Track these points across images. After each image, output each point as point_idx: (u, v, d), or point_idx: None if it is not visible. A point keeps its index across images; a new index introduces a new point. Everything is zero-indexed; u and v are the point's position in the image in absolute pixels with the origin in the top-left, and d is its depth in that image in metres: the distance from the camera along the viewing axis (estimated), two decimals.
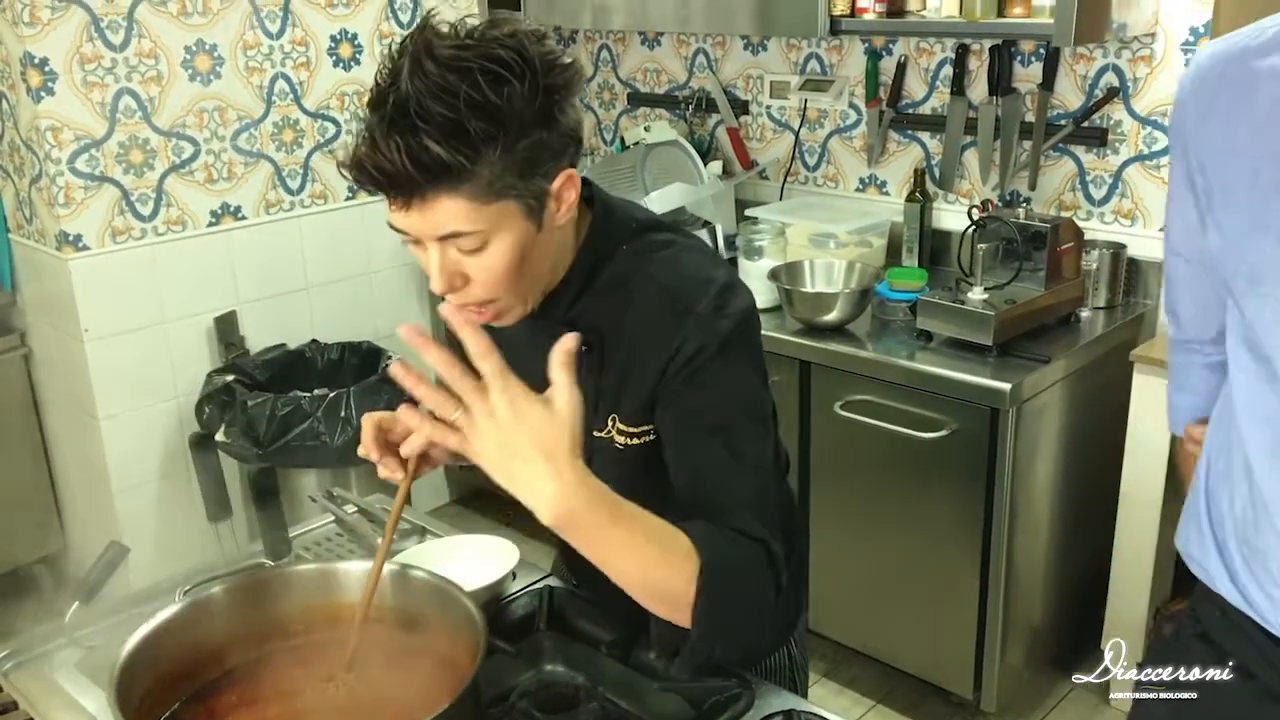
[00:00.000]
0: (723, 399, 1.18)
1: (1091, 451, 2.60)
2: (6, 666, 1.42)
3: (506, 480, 1.02)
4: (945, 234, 2.94)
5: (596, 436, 1.24)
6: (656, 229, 1.27)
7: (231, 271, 3.07)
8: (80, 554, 3.23)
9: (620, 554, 1.06)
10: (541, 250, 1.16)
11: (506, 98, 1.04)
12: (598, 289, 1.23)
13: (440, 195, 1.06)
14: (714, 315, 1.17)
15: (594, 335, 1.22)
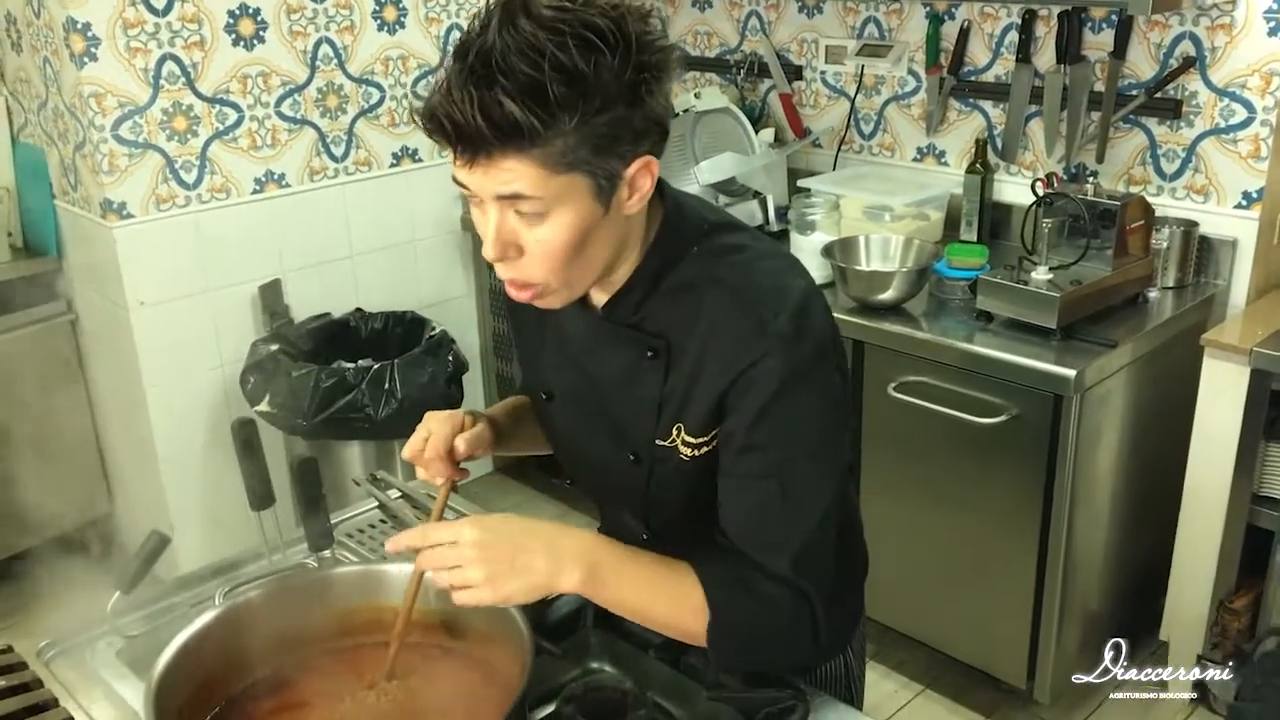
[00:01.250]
0: (786, 438, 1.11)
1: (1156, 438, 2.51)
2: (49, 655, 1.41)
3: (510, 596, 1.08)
4: (1006, 207, 2.84)
5: (659, 446, 1.18)
6: (730, 230, 1.19)
7: (275, 239, 3.04)
8: (127, 520, 3.25)
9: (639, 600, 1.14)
10: (604, 236, 1.08)
11: (595, 67, 0.98)
12: (666, 291, 1.15)
13: (508, 155, 1.00)
14: (794, 337, 1.09)
15: (660, 340, 1.15)
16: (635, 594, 1.12)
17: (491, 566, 1.06)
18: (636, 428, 1.19)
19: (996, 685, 2.63)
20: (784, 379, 1.09)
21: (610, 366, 1.20)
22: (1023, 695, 2.59)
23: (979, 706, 2.63)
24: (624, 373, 1.18)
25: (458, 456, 1.25)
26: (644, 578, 1.13)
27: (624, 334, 1.17)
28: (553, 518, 3.40)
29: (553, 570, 1.07)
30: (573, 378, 1.26)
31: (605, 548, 1.12)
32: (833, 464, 1.16)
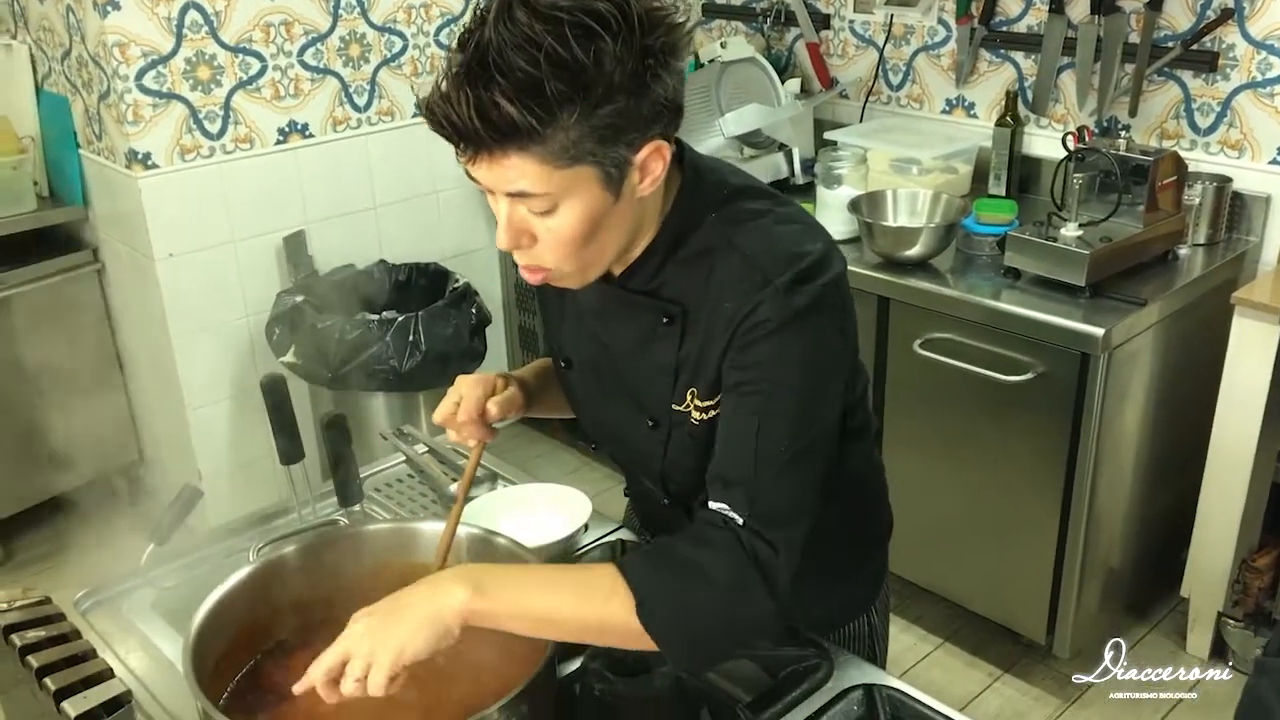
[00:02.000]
0: (769, 380, 1.07)
1: (1184, 395, 2.50)
2: (85, 606, 1.44)
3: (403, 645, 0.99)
4: (1036, 161, 2.80)
5: (675, 410, 1.18)
6: (750, 195, 1.16)
7: (299, 190, 3.04)
8: (157, 468, 3.29)
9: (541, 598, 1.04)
10: (617, 221, 1.07)
11: (596, 56, 0.95)
12: (682, 258, 1.14)
13: (510, 153, 0.99)
14: (788, 289, 1.07)
15: (676, 307, 1.14)
16: (533, 592, 1.04)
17: (373, 636, 1.00)
18: (654, 394, 1.19)
19: (1016, 639, 2.65)
20: (773, 326, 1.06)
21: (627, 334, 1.20)
22: (1041, 650, 2.60)
23: (997, 660, 2.66)
24: (640, 340, 1.18)
25: (489, 419, 1.26)
26: (541, 576, 1.08)
27: (640, 301, 1.16)
28: (573, 469, 3.43)
29: (428, 600, 1.01)
30: (591, 347, 1.26)
31: (492, 566, 1.09)
32: (814, 412, 1.10)
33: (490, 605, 1.02)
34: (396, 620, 1.00)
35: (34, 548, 3.16)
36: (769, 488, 1.06)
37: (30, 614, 1.28)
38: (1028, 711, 2.51)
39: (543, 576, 1.08)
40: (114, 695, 1.16)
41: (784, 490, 1.07)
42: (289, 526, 1.54)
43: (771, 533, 1.05)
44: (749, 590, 1.03)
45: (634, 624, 1.01)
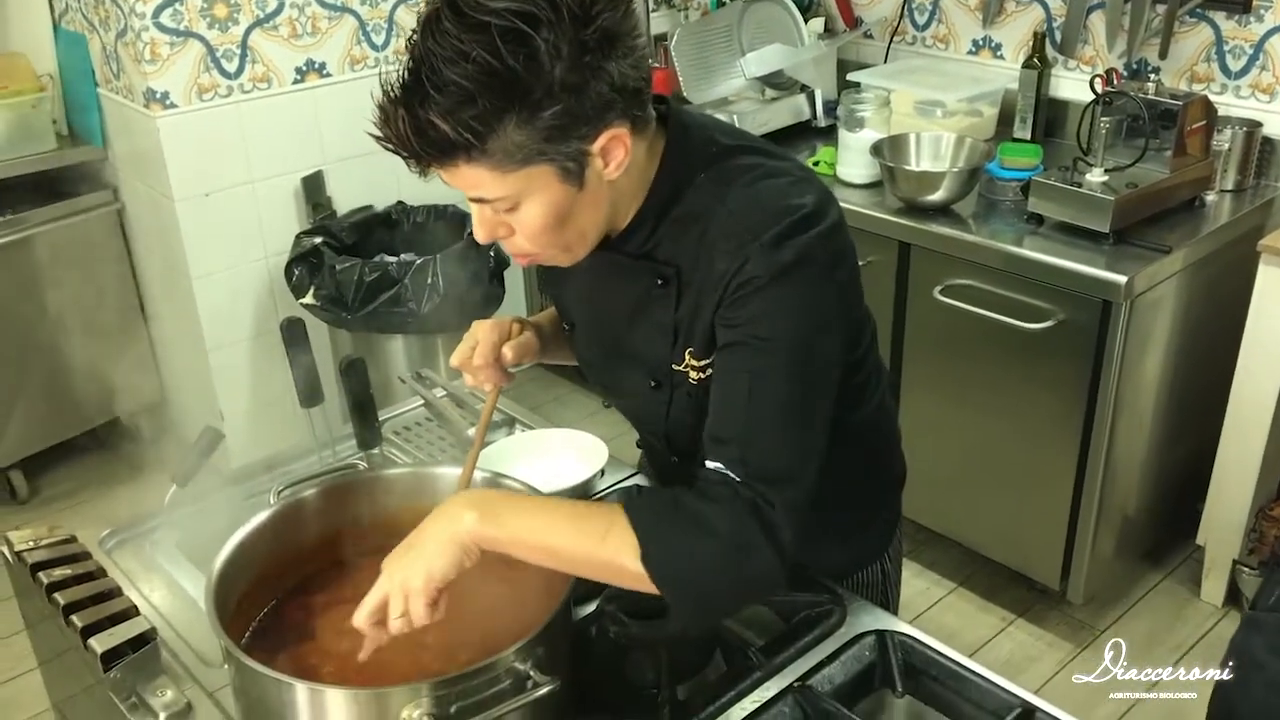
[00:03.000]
0: (759, 336, 1.05)
1: (1206, 343, 2.48)
2: (109, 545, 1.46)
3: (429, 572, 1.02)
4: (1063, 104, 2.76)
5: (676, 370, 1.18)
6: (741, 152, 1.14)
7: (317, 130, 3.02)
8: (178, 409, 3.32)
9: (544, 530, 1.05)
10: (588, 205, 1.06)
11: (528, 61, 0.93)
12: (674, 219, 1.12)
13: (458, 164, 0.99)
14: (774, 245, 1.05)
15: (670, 269, 1.14)
16: (537, 524, 1.05)
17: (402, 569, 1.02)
18: (654, 355, 1.19)
19: (1029, 585, 2.66)
20: (761, 282, 1.04)
21: (623, 298, 1.19)
22: (1055, 595, 2.62)
23: (1010, 605, 2.67)
24: (637, 303, 1.18)
25: (505, 363, 1.26)
26: (548, 509, 1.07)
27: (634, 265, 1.16)
28: (591, 413, 3.44)
29: (443, 525, 1.04)
30: (591, 310, 1.27)
31: (499, 491, 1.11)
32: (810, 367, 1.07)
33: (495, 532, 1.03)
34: (419, 549, 1.03)
35: (58, 485, 3.21)
36: (764, 447, 1.05)
37: (56, 552, 1.31)
38: (1040, 656, 2.53)
39: (549, 510, 1.07)
40: (139, 632, 1.18)
41: (780, 449, 1.05)
42: (309, 469, 1.56)
43: (770, 492, 1.03)
44: (752, 546, 1.02)
45: (637, 568, 1.01)
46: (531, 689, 0.97)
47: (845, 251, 1.13)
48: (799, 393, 1.07)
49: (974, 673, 1.16)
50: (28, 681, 2.47)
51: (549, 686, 0.97)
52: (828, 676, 1.18)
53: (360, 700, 0.96)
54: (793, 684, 1.16)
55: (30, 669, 2.38)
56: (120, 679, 1.17)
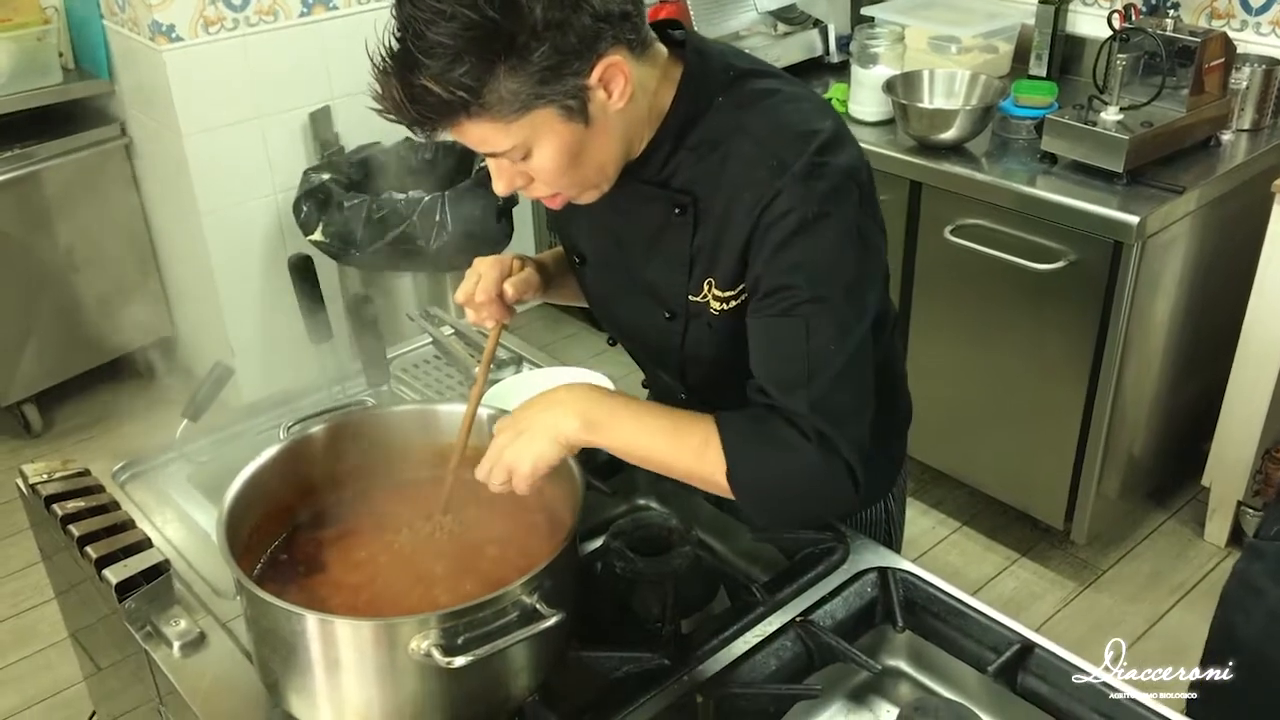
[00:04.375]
0: (806, 276, 1.06)
1: (1217, 285, 2.46)
2: (123, 478, 1.48)
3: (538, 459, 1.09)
4: (1080, 40, 2.71)
5: (693, 301, 1.18)
6: (756, 76, 1.13)
7: (324, 65, 2.99)
8: (189, 344, 3.34)
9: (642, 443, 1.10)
10: (602, 138, 1.06)
11: (505, 9, 0.94)
12: (691, 145, 1.12)
13: (460, 122, 1.00)
14: (809, 175, 1.04)
15: (687, 197, 1.13)
16: (638, 439, 1.10)
17: (510, 452, 1.09)
18: (669, 286, 1.18)
19: (1033, 525, 2.68)
20: (801, 218, 1.05)
21: (639, 227, 1.19)
22: (1058, 535, 2.64)
23: (1014, 544, 2.70)
24: (653, 232, 1.17)
25: (507, 300, 1.26)
26: (647, 423, 1.11)
27: (651, 193, 1.15)
28: (598, 352, 3.44)
29: (550, 422, 1.09)
30: (604, 241, 1.25)
31: (604, 396, 1.12)
32: (858, 305, 1.09)
33: (595, 439, 1.10)
34: (529, 436, 1.09)
35: (70, 419, 3.24)
36: (828, 388, 1.06)
37: (70, 485, 1.33)
38: (1043, 594, 2.56)
39: (648, 423, 1.11)
40: (153, 564, 1.21)
41: (842, 388, 1.07)
42: (318, 405, 1.57)
43: (836, 430, 1.05)
44: (830, 476, 1.06)
45: (722, 483, 1.07)
46: (538, 621, 0.99)
47: (871, 178, 1.13)
48: (853, 329, 1.08)
49: (974, 609, 1.18)
50: (45, 612, 2.52)
51: (555, 618, 0.98)
52: (829, 612, 1.20)
53: (369, 631, 0.98)
54: (795, 619, 1.18)
55: (47, 600, 2.43)
56: (135, 609, 1.20)
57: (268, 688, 1.09)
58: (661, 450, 1.10)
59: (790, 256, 1.06)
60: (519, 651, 1.02)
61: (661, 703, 1.09)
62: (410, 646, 0.95)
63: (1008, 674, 1.12)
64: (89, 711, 1.95)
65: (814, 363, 1.06)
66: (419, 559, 1.15)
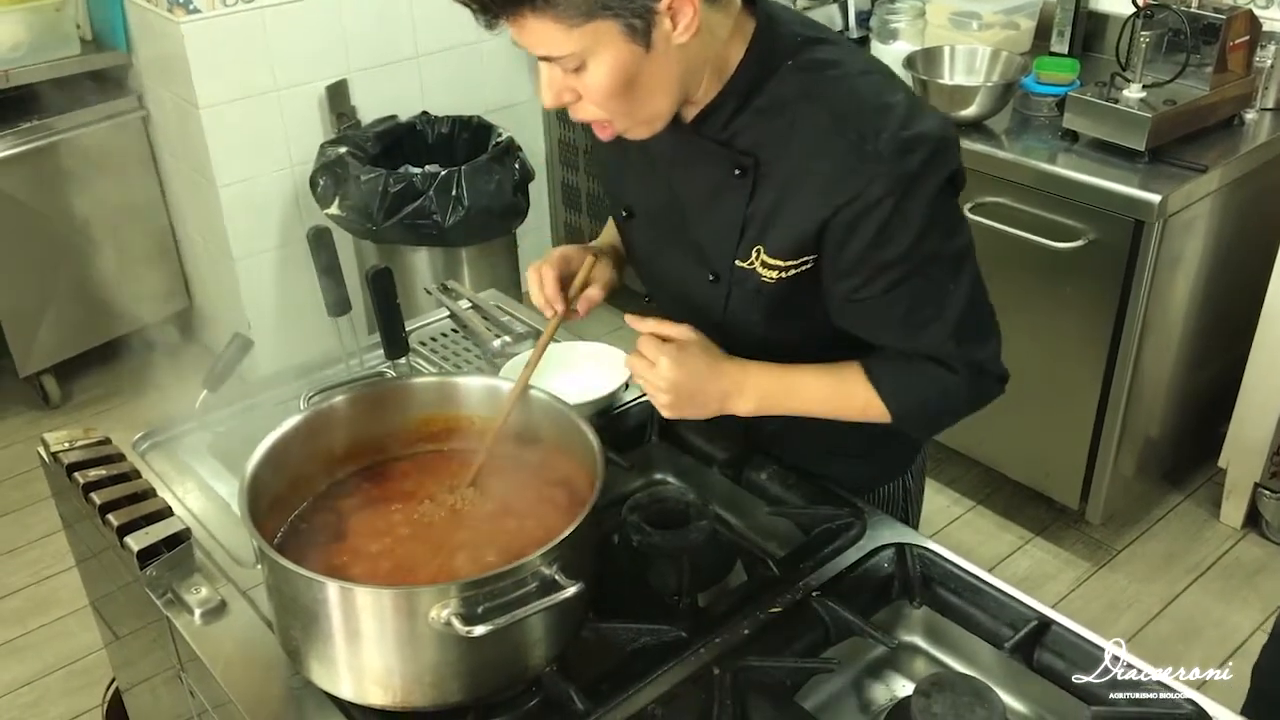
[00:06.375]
0: (914, 247, 1.08)
1: (1238, 266, 2.45)
2: (143, 447, 1.49)
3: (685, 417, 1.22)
4: (1103, 17, 2.69)
5: (739, 267, 1.17)
6: (824, 44, 1.13)
7: (341, 38, 2.98)
8: (207, 316, 3.35)
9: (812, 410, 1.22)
10: (659, 71, 1.05)
11: None
12: (758, 107, 1.11)
13: (525, 16, 1.00)
14: (899, 153, 1.04)
15: (749, 159, 1.12)
16: (804, 410, 1.21)
17: (674, 397, 1.17)
18: (717, 247, 1.18)
19: (1048, 505, 2.68)
20: (896, 199, 1.05)
21: (696, 183, 1.18)
22: (1073, 515, 2.64)
23: (1029, 524, 2.69)
24: (709, 190, 1.17)
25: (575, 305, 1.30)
26: (808, 396, 1.21)
27: (712, 150, 1.15)
28: (615, 328, 3.43)
29: (727, 401, 1.19)
30: (656, 194, 1.25)
31: (769, 376, 1.20)
32: (963, 239, 1.14)
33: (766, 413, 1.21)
34: (691, 406, 1.19)
35: (88, 391, 3.26)
36: (970, 339, 1.16)
37: (91, 453, 1.33)
38: (1057, 573, 2.56)
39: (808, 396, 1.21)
40: (174, 532, 1.22)
41: (970, 314, 1.15)
42: (337, 377, 1.57)
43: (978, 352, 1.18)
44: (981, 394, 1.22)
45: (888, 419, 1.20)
46: (557, 592, 0.99)
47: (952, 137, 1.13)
48: (962, 264, 1.14)
49: (991, 585, 1.18)
50: (65, 579, 2.54)
51: (574, 589, 0.99)
52: (846, 587, 1.20)
53: (390, 599, 0.98)
54: (812, 594, 1.18)
55: (68, 567, 2.45)
56: (156, 576, 1.21)
57: (288, 655, 1.10)
58: (827, 415, 1.21)
59: (893, 238, 1.08)
60: (538, 622, 1.03)
61: (678, 675, 1.09)
62: (430, 615, 0.96)
63: (1024, 650, 1.12)
64: (109, 679, 1.97)
65: (940, 304, 1.13)
66: (440, 529, 1.15)
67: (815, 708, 1.13)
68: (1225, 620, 2.42)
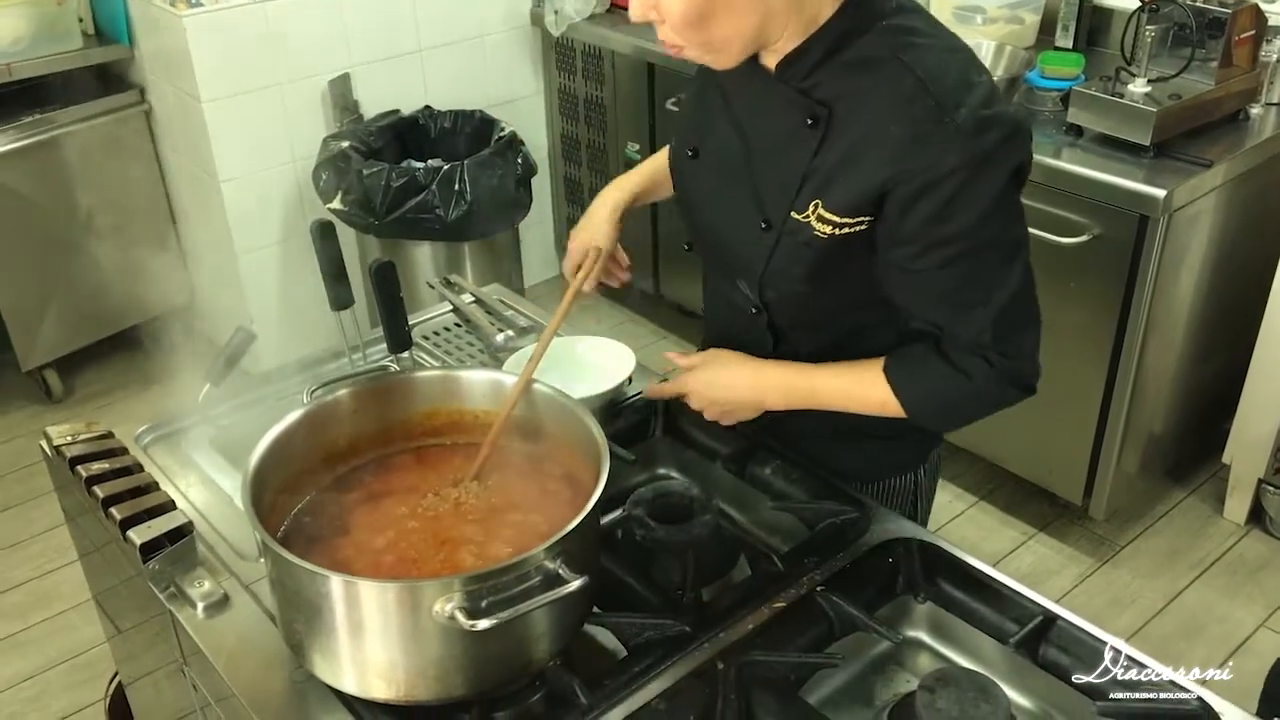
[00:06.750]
0: (975, 227, 1.09)
1: (1243, 262, 2.44)
2: (146, 441, 1.48)
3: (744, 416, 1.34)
4: (1107, 12, 2.68)
5: (794, 218, 1.17)
6: (915, 14, 1.14)
7: (344, 31, 2.98)
8: (209, 311, 3.35)
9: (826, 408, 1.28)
10: (736, 10, 1.08)
11: None
12: (844, 61, 1.12)
13: None
14: (976, 130, 1.05)
15: (824, 109, 1.13)
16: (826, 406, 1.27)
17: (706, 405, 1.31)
18: (776, 195, 1.19)
19: (1051, 501, 2.68)
20: (968, 174, 1.06)
21: (767, 128, 1.20)
22: (1076, 511, 2.63)
23: (1031, 520, 2.69)
24: (779, 137, 1.18)
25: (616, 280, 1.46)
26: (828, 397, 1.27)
27: (790, 96, 1.16)
28: (618, 323, 3.45)
29: (754, 398, 1.29)
30: (725, 137, 1.26)
31: (793, 379, 1.27)
32: (1020, 230, 1.16)
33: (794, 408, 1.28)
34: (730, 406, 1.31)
35: (91, 385, 3.26)
36: (1010, 324, 1.16)
37: (94, 447, 1.33)
38: (1060, 569, 2.56)
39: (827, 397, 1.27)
40: (176, 526, 1.21)
41: (1021, 320, 1.17)
42: (340, 371, 1.57)
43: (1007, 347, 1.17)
44: (1000, 394, 1.21)
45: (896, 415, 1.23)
46: (561, 586, 0.99)
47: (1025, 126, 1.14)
48: (1017, 255, 1.15)
49: (996, 581, 1.17)
50: (67, 573, 2.54)
51: (578, 583, 0.98)
52: (850, 582, 1.19)
53: (394, 593, 0.98)
54: (816, 589, 1.18)
55: (70, 561, 2.45)
56: (159, 570, 1.20)
57: (291, 649, 1.09)
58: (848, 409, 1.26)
59: (956, 213, 1.08)
60: (541, 616, 1.02)
61: (682, 669, 1.09)
62: (434, 609, 0.96)
63: (1029, 646, 1.11)
64: (111, 672, 1.97)
65: (988, 289, 1.14)
66: (443, 523, 1.15)
67: (819, 703, 1.13)
68: (1229, 616, 2.41)
